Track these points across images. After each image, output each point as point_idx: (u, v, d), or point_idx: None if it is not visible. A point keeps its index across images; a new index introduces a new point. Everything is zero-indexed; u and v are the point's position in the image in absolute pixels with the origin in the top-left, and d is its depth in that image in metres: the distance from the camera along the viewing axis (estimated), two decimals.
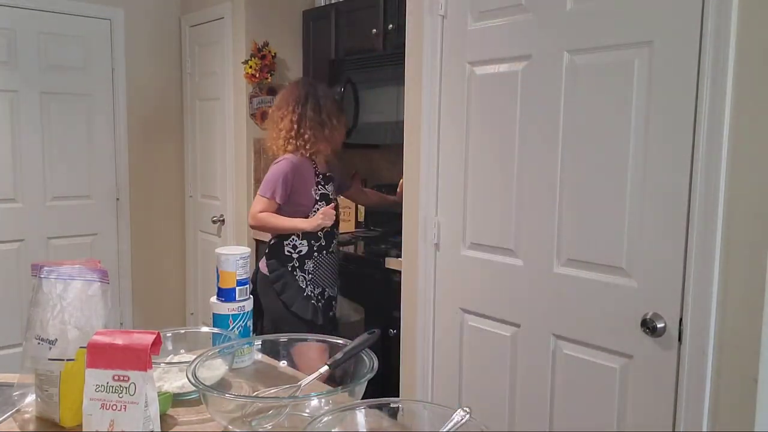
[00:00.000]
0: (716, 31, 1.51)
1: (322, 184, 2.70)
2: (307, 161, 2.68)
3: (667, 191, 1.64)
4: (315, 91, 2.73)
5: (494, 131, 2.06)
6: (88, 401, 0.88)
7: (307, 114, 2.67)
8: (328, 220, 2.62)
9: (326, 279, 2.73)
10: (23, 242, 3.73)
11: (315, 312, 2.65)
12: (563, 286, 1.89)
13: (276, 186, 2.61)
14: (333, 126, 2.71)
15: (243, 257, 1.31)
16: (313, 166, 2.69)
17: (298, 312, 2.63)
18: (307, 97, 2.70)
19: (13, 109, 3.62)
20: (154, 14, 4.09)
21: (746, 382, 1.51)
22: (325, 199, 2.70)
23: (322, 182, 2.71)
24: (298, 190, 2.65)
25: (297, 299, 2.64)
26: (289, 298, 2.64)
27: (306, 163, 2.68)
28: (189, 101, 4.19)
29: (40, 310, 1.02)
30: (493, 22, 2.04)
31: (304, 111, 2.67)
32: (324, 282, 2.72)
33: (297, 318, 2.63)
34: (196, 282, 4.26)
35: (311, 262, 2.67)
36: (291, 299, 2.64)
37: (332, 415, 0.89)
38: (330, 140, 2.72)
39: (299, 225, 2.63)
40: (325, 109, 2.70)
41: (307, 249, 2.66)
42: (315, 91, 2.73)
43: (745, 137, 1.49)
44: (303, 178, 2.66)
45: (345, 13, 3.36)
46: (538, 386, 1.99)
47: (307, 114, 2.67)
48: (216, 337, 1.28)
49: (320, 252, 2.69)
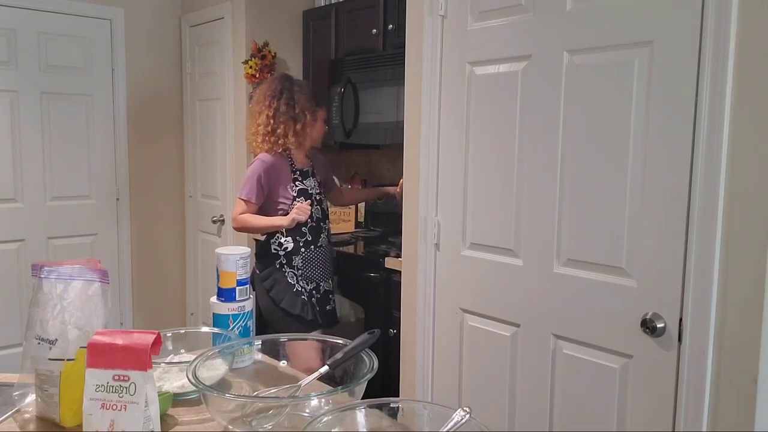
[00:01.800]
0: (716, 31, 1.51)
1: (299, 180, 2.71)
2: (281, 157, 2.69)
3: (667, 191, 1.64)
4: (290, 86, 2.73)
5: (494, 131, 2.06)
6: (88, 401, 0.88)
7: (280, 109, 2.68)
8: (302, 215, 2.63)
9: (318, 273, 2.73)
10: (23, 242, 3.74)
11: (303, 307, 2.66)
12: (563, 286, 1.89)
13: (251, 187, 2.64)
14: (306, 121, 2.71)
15: (243, 257, 1.31)
16: (288, 162, 2.71)
17: (287, 307, 2.65)
18: (282, 92, 2.70)
19: (13, 109, 3.62)
20: (154, 14, 4.09)
21: (746, 382, 1.50)
22: (304, 194, 2.70)
23: (300, 177, 2.71)
24: (274, 187, 2.67)
25: (286, 295, 2.66)
26: (277, 294, 2.66)
27: (280, 160, 2.69)
28: (189, 101, 4.19)
29: (40, 310, 1.02)
30: (493, 22, 2.04)
31: (278, 106, 2.68)
32: (317, 276, 2.72)
33: (286, 314, 2.65)
34: (196, 282, 4.26)
35: (299, 257, 2.68)
36: (279, 295, 2.66)
37: (332, 415, 0.89)
38: (303, 135, 2.71)
39: (276, 222, 2.65)
40: (298, 103, 2.70)
41: (293, 245, 2.67)
42: (290, 85, 2.73)
43: (745, 137, 1.49)
44: (278, 175, 2.67)
45: (345, 13, 3.36)
46: (538, 386, 1.99)
47: (280, 109, 2.68)
48: (216, 337, 1.28)
49: (307, 247, 2.69)
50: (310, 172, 2.77)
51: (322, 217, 2.76)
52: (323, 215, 2.77)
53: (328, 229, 2.83)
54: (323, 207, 2.79)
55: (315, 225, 2.72)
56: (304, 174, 2.74)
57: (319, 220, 2.74)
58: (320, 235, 2.75)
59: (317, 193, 2.78)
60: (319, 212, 2.75)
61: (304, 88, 2.79)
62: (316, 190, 2.78)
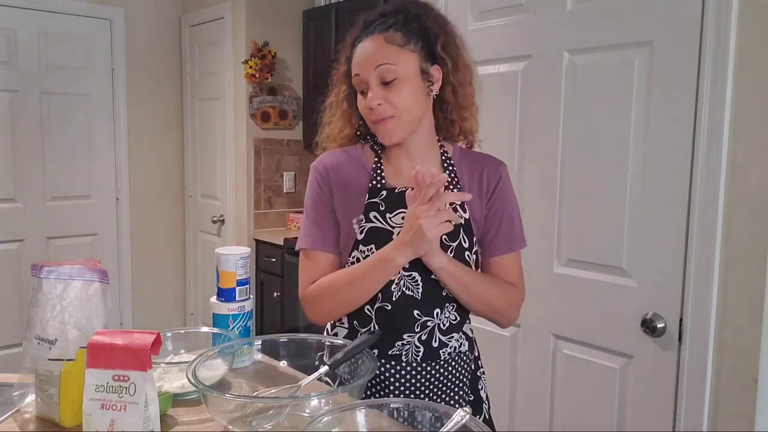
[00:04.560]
0: (716, 31, 1.51)
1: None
2: None
3: (667, 191, 1.64)
4: None
5: (494, 131, 2.06)
6: (88, 401, 0.88)
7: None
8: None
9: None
10: (23, 242, 3.73)
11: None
12: (563, 286, 1.89)
13: None
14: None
15: (243, 257, 1.31)
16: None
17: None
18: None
19: (13, 109, 3.62)
20: (154, 14, 4.09)
21: (746, 382, 1.50)
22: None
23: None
24: None
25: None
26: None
27: None
28: (189, 101, 4.19)
29: (40, 310, 1.02)
30: (493, 22, 2.04)
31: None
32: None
33: None
34: (196, 282, 4.26)
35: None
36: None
37: (332, 415, 0.89)
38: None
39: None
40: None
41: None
42: None
43: (745, 137, 1.49)
44: None
45: (345, 13, 3.36)
46: (538, 386, 1.99)
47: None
48: (216, 337, 1.28)
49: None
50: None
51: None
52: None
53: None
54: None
55: None
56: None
57: None
58: None
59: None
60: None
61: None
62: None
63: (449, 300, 1.24)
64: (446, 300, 1.24)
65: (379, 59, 1.19)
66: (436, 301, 1.23)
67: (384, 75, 1.19)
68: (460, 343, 1.28)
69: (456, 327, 1.27)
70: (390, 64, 1.19)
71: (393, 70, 1.19)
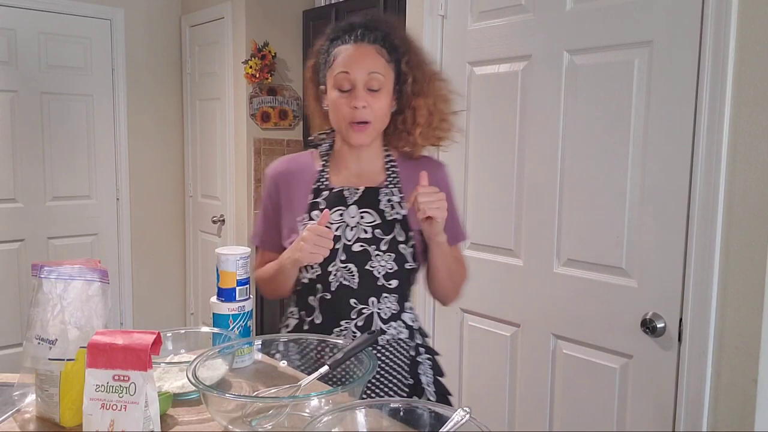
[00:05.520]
0: (716, 31, 1.51)
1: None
2: None
3: (666, 191, 1.64)
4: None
5: (494, 131, 2.06)
6: (88, 401, 0.88)
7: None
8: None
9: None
10: (23, 242, 3.73)
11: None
12: (563, 286, 1.89)
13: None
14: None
15: (243, 257, 1.31)
16: None
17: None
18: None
19: (13, 109, 3.62)
20: (154, 14, 4.09)
21: (746, 383, 1.50)
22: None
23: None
24: None
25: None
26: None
27: None
28: (189, 101, 4.19)
29: (40, 310, 1.02)
30: (493, 22, 2.04)
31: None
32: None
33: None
34: (196, 282, 4.26)
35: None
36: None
37: (332, 415, 0.89)
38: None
39: None
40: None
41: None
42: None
43: (745, 137, 1.49)
44: None
45: (345, 13, 3.36)
46: (538, 386, 1.99)
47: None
48: (216, 337, 1.28)
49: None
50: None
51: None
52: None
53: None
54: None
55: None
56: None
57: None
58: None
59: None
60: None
61: None
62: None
63: (386, 290, 1.38)
64: (382, 290, 1.38)
65: (372, 67, 1.34)
66: (371, 290, 1.37)
67: (372, 83, 1.33)
68: (398, 331, 1.41)
69: (395, 317, 1.41)
70: (380, 74, 1.34)
71: (381, 80, 1.34)
